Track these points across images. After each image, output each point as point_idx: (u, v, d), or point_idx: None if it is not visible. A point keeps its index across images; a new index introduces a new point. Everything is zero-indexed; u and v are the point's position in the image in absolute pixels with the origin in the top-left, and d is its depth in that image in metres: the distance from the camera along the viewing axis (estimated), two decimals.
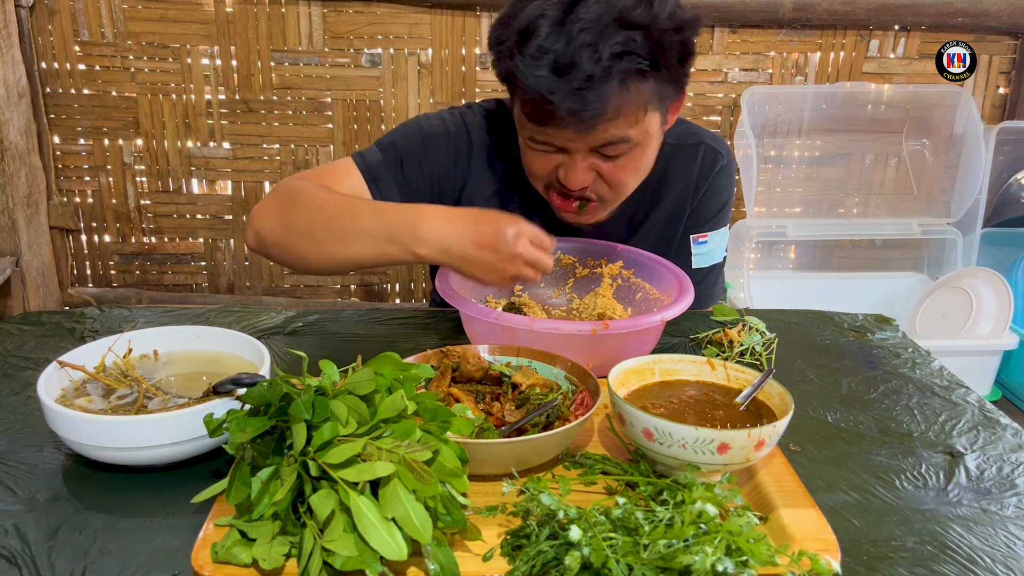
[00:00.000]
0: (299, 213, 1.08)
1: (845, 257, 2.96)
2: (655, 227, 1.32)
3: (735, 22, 2.64)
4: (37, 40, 2.54)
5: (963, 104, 2.69)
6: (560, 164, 1.10)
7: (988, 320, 2.60)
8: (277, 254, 1.12)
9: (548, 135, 1.06)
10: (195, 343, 0.97)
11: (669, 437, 0.75)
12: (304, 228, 1.07)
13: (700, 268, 1.34)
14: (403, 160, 1.20)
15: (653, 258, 1.19)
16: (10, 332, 1.15)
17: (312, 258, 1.08)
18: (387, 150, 1.21)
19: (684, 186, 1.30)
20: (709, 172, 1.31)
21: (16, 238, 2.50)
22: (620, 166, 1.10)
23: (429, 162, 1.21)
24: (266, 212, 1.11)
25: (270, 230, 1.10)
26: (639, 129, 1.07)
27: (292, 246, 1.09)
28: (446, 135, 1.23)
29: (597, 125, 1.03)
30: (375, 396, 0.72)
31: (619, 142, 1.07)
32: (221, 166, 2.72)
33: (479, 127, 1.26)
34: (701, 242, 1.33)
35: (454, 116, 1.26)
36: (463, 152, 1.24)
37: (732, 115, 2.76)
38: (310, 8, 2.57)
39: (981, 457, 0.90)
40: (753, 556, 0.63)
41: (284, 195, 1.12)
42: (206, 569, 0.66)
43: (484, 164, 1.25)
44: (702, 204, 1.32)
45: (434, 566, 0.64)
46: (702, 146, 1.31)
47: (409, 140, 1.22)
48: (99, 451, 0.79)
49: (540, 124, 1.05)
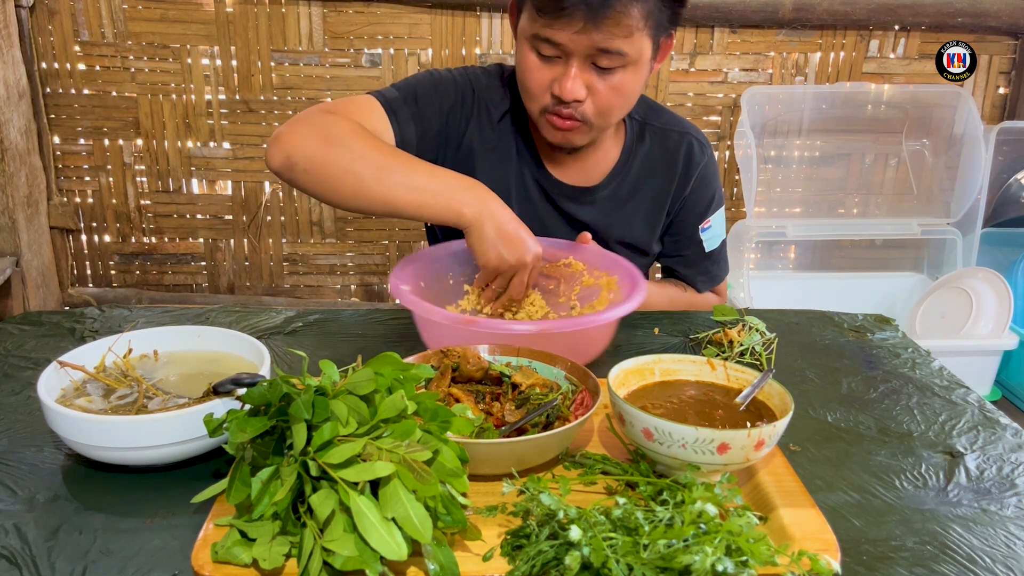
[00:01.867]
0: (343, 150, 1.11)
1: (845, 257, 2.97)
2: (641, 207, 1.38)
3: (735, 22, 2.64)
4: (37, 40, 2.54)
5: (963, 104, 2.69)
6: (556, 78, 1.16)
7: (988, 320, 2.60)
8: (306, 182, 1.13)
9: (553, 30, 1.11)
10: (195, 343, 0.97)
11: (669, 437, 0.75)
12: (347, 166, 1.10)
13: (712, 250, 1.45)
14: (417, 96, 1.27)
15: (635, 273, 1.18)
16: (10, 332, 1.15)
17: (348, 193, 1.11)
18: (403, 88, 1.28)
19: (669, 172, 1.37)
20: (696, 165, 1.38)
21: (16, 238, 2.50)
22: (612, 85, 1.16)
23: (440, 100, 1.29)
24: (302, 138, 1.12)
25: (306, 156, 1.11)
26: (634, 46, 1.13)
27: (330, 178, 1.11)
28: (453, 83, 1.32)
29: (604, 17, 1.08)
30: (375, 396, 0.72)
31: (615, 53, 1.12)
32: (221, 166, 2.73)
33: (482, 82, 1.34)
34: (706, 228, 1.43)
35: (460, 70, 1.35)
36: (468, 100, 1.32)
37: (732, 115, 2.76)
38: (310, 8, 2.57)
39: (981, 457, 0.90)
40: (753, 556, 0.63)
41: (322, 127, 1.13)
42: (206, 569, 0.66)
43: (485, 116, 1.33)
44: (695, 196, 1.40)
45: (434, 566, 0.64)
46: (686, 137, 1.38)
47: (421, 82, 1.30)
48: (99, 451, 0.79)
49: (550, 16, 1.10)
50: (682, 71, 2.72)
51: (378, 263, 2.88)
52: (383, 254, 2.87)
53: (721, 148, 2.81)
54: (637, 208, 1.38)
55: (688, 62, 2.71)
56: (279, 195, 2.77)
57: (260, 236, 2.81)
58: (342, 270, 2.89)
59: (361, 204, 1.12)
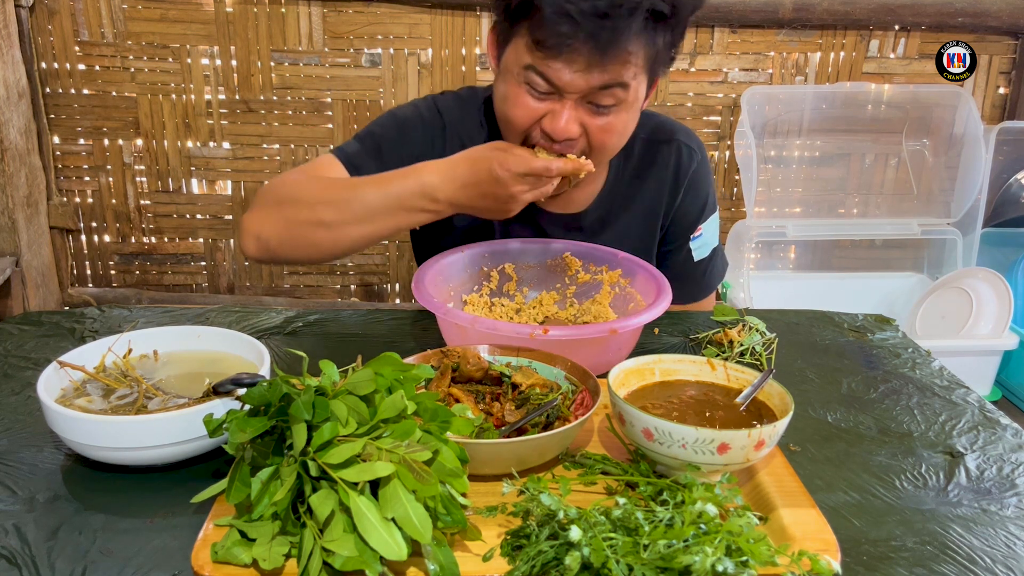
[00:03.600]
0: (299, 206, 1.10)
1: (845, 257, 2.96)
2: (632, 226, 1.33)
3: (735, 22, 2.64)
4: (37, 40, 2.54)
5: (963, 104, 2.69)
6: (546, 113, 1.09)
7: (988, 320, 2.60)
8: (284, 252, 1.12)
9: (552, 68, 1.05)
10: (195, 343, 0.97)
11: (669, 437, 0.75)
12: (308, 218, 1.09)
13: (702, 259, 1.38)
14: (381, 147, 1.22)
15: (647, 268, 1.18)
16: (10, 332, 1.15)
17: (326, 244, 1.10)
18: (365, 140, 1.23)
19: (659, 184, 1.31)
20: (686, 172, 1.32)
21: (16, 238, 2.50)
22: (606, 125, 1.10)
23: (407, 146, 1.23)
24: (262, 215, 1.13)
25: (272, 231, 1.11)
26: (633, 84, 1.07)
27: (301, 239, 1.10)
28: (420, 119, 1.26)
29: (610, 58, 1.03)
30: (375, 396, 0.72)
31: (616, 86, 1.06)
32: (221, 166, 2.72)
33: (451, 109, 1.28)
34: (697, 236, 1.36)
35: (426, 102, 1.29)
36: (438, 135, 1.26)
37: (732, 115, 2.76)
38: (310, 8, 2.57)
39: (981, 457, 0.90)
40: (753, 556, 0.63)
41: (275, 195, 1.14)
42: (206, 569, 0.66)
43: (458, 145, 1.26)
44: (686, 204, 1.34)
45: (434, 566, 0.64)
46: (675, 144, 1.31)
47: (385, 128, 1.25)
48: (99, 451, 0.79)
49: (551, 51, 1.03)
50: (682, 71, 2.72)
51: (378, 263, 2.88)
52: (383, 254, 2.87)
53: (721, 148, 2.81)
54: (629, 226, 1.32)
55: (688, 62, 2.71)
56: None
57: None
58: (342, 270, 2.89)
59: (344, 247, 1.11)
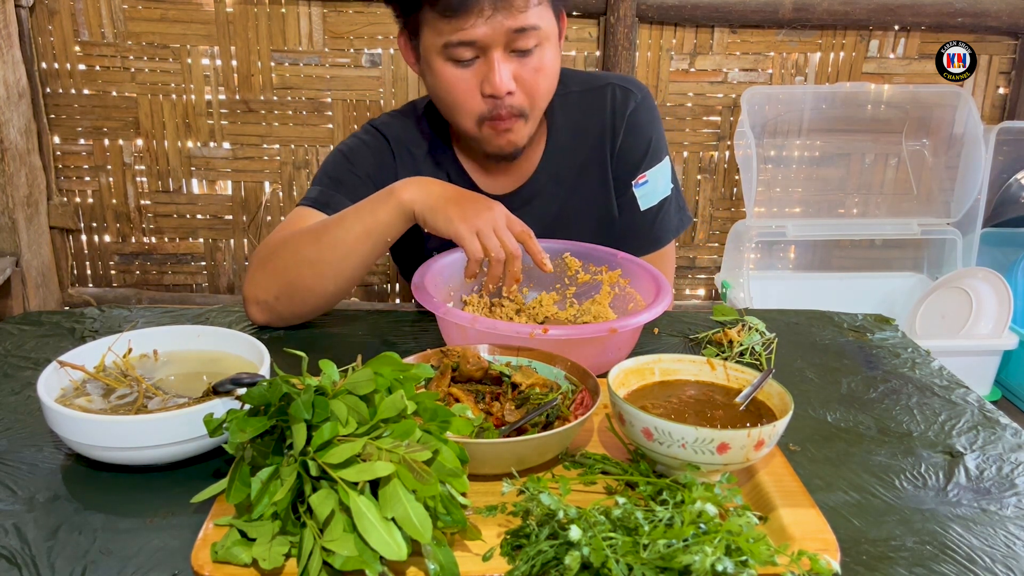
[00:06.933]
0: (286, 259, 1.15)
1: (845, 257, 2.96)
2: (586, 181, 1.33)
3: (735, 22, 2.64)
4: (37, 40, 2.54)
5: (963, 104, 2.69)
6: (483, 79, 1.14)
7: (988, 320, 2.60)
8: (284, 307, 1.16)
9: (467, 28, 1.09)
10: (195, 343, 0.97)
11: (669, 437, 0.75)
12: (294, 262, 1.14)
13: (649, 208, 1.33)
14: (340, 179, 1.28)
15: (647, 268, 1.18)
16: (10, 332, 1.16)
17: (318, 286, 1.14)
18: (322, 180, 1.29)
19: (599, 131, 1.32)
20: (622, 114, 1.31)
21: (16, 238, 2.50)
22: (534, 67, 1.15)
23: (362, 168, 1.29)
24: (255, 280, 1.17)
25: (268, 290, 1.16)
26: (543, 18, 1.13)
27: (300, 288, 1.15)
28: (364, 145, 1.31)
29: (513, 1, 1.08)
30: (375, 396, 0.72)
31: (530, 29, 1.11)
32: (221, 166, 2.72)
33: (390, 126, 1.33)
34: (642, 183, 1.33)
35: (365, 129, 1.34)
36: (386, 154, 1.31)
37: (732, 115, 2.76)
38: (310, 8, 2.57)
39: (981, 457, 0.90)
40: (753, 556, 0.63)
41: (260, 258, 1.19)
42: (206, 569, 0.66)
43: (409, 159, 1.32)
44: (626, 147, 1.32)
45: (434, 566, 0.64)
46: (609, 87, 1.32)
47: (336, 164, 1.30)
48: (99, 451, 0.79)
49: (459, 11, 1.08)
50: (682, 71, 2.72)
51: (378, 263, 2.88)
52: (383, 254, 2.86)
53: (721, 148, 2.81)
54: (582, 180, 1.33)
55: (688, 62, 2.71)
56: (279, 195, 2.77)
57: (260, 236, 2.81)
58: None
59: (345, 282, 1.15)
